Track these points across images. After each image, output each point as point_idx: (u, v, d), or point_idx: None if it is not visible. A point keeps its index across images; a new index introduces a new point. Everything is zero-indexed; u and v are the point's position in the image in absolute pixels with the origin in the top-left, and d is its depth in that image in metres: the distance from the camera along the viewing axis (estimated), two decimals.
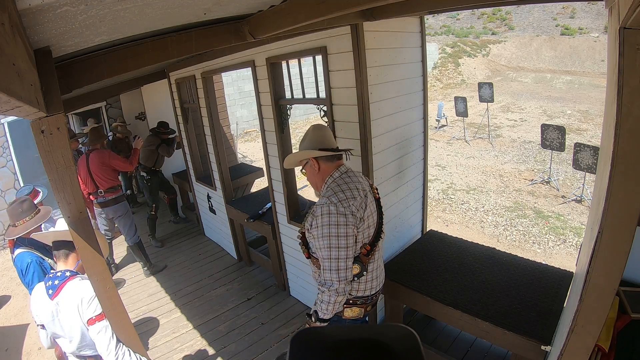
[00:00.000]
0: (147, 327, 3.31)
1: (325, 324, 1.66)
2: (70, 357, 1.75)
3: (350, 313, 1.75)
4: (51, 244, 1.75)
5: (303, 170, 1.76)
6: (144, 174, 4.92)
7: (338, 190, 1.59)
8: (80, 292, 1.60)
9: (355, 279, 1.67)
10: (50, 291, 1.61)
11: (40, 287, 1.66)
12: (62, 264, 1.70)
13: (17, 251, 2.34)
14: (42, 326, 1.67)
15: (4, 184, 5.95)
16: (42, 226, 2.69)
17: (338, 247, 1.52)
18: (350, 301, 1.73)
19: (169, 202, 5.58)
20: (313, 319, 1.65)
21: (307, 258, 1.74)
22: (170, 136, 5.02)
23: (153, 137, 4.83)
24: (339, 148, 1.73)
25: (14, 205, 2.38)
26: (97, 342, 1.60)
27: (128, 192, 5.39)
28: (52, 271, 1.67)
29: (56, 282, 1.62)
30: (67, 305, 1.60)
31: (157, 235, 5.12)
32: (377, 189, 1.81)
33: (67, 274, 1.65)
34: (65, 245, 1.69)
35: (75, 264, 1.73)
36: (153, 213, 4.97)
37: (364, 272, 1.67)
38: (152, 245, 4.91)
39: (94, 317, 1.59)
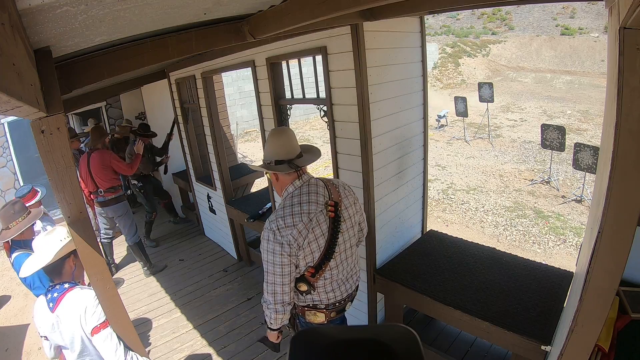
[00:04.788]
0: (147, 327, 3.31)
1: (275, 332, 1.72)
2: None
3: (314, 318, 1.72)
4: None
5: (267, 176, 1.76)
6: (135, 182, 4.83)
7: (280, 216, 1.54)
8: (84, 301, 1.58)
9: (304, 294, 1.67)
10: (51, 304, 1.60)
11: (41, 300, 1.66)
12: (58, 280, 1.69)
13: (15, 254, 2.33)
14: (45, 337, 1.67)
15: (4, 184, 5.96)
16: (41, 225, 2.70)
17: (274, 274, 1.53)
18: (311, 305, 1.70)
19: (165, 206, 5.54)
20: (266, 325, 1.71)
21: None
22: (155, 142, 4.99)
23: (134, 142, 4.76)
24: (301, 153, 1.63)
25: (6, 207, 2.38)
26: (103, 351, 1.57)
27: (128, 191, 5.38)
28: (50, 284, 1.66)
29: (55, 294, 1.61)
30: (68, 316, 1.58)
31: (155, 236, 5.14)
32: (334, 206, 1.61)
33: (66, 285, 1.64)
34: (54, 270, 1.66)
35: (71, 274, 1.71)
36: (153, 219, 4.98)
37: (312, 291, 1.65)
38: (147, 245, 4.91)
39: (98, 325, 1.57)
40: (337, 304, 1.73)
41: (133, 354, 1.64)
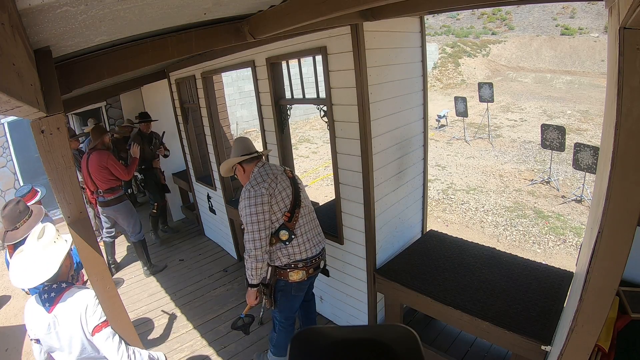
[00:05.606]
0: (147, 327, 3.31)
1: (255, 288, 2.08)
2: None
3: (295, 276, 2.12)
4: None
5: (235, 174, 2.21)
6: (137, 175, 4.78)
7: (252, 179, 2.06)
8: (84, 300, 1.55)
9: (287, 243, 2.06)
10: (47, 304, 1.53)
11: (33, 301, 1.58)
12: (54, 281, 1.61)
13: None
14: (37, 341, 1.60)
15: (4, 184, 5.96)
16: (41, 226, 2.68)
17: (252, 222, 1.94)
18: (292, 265, 2.11)
19: (158, 208, 5.22)
20: (246, 284, 2.08)
21: None
22: (155, 133, 4.91)
23: (136, 136, 4.71)
24: (257, 151, 2.20)
25: (10, 207, 2.31)
26: (105, 349, 1.55)
27: (129, 191, 5.31)
28: (46, 284, 1.56)
29: (52, 294, 1.54)
30: (67, 316, 1.53)
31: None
32: (290, 171, 2.24)
33: (63, 285, 1.59)
34: (54, 279, 1.58)
35: (67, 273, 1.65)
36: (155, 211, 4.92)
37: (293, 236, 2.06)
38: (152, 239, 4.89)
39: (100, 324, 1.54)
40: (314, 260, 2.17)
41: (135, 349, 1.63)
